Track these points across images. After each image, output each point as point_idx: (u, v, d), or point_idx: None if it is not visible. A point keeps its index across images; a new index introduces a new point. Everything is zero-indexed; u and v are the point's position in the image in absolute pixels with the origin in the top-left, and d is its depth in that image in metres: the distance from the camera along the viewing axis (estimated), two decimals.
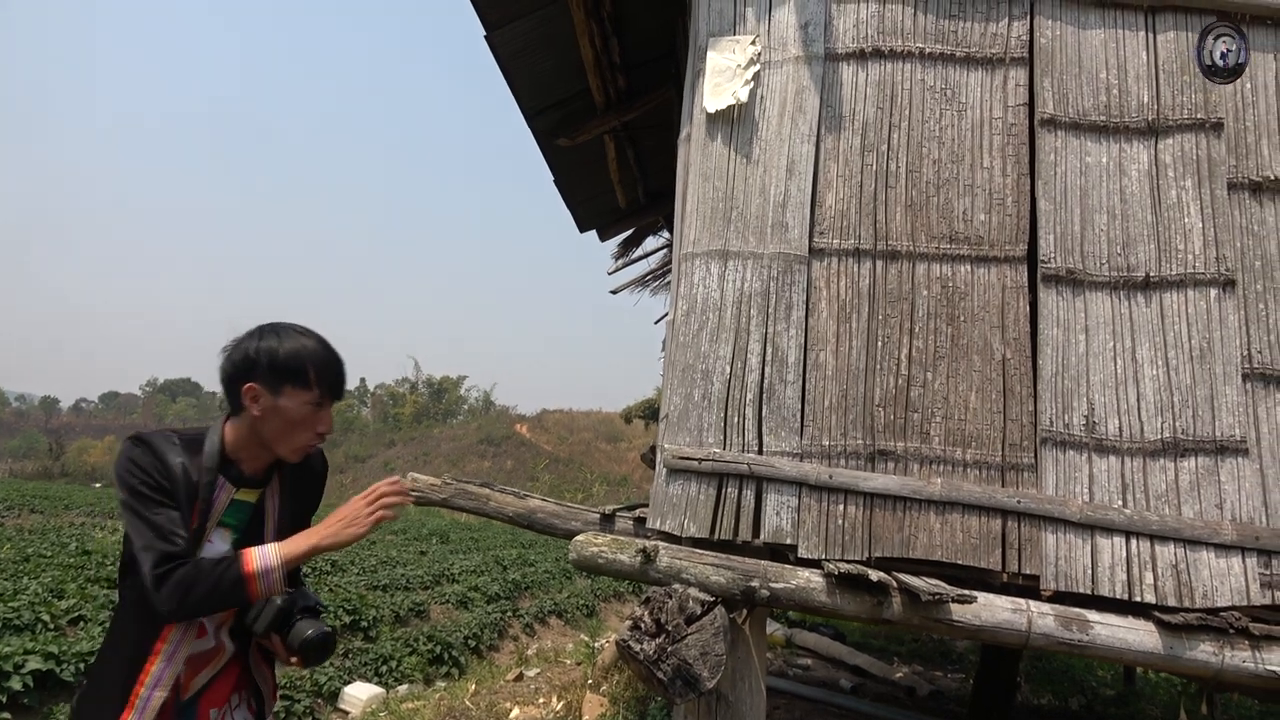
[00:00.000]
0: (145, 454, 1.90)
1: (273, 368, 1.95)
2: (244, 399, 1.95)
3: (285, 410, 1.97)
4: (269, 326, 2.03)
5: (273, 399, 1.96)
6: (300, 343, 2.00)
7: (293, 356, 1.98)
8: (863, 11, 3.18)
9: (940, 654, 9.61)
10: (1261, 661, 2.56)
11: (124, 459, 1.90)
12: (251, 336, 2.00)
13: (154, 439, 1.93)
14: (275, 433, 1.99)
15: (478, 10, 4.44)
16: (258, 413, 1.96)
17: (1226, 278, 2.90)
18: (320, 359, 2.02)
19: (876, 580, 2.56)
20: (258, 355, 1.96)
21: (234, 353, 1.99)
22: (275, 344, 1.98)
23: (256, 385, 1.95)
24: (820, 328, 2.97)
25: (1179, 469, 2.78)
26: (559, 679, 7.57)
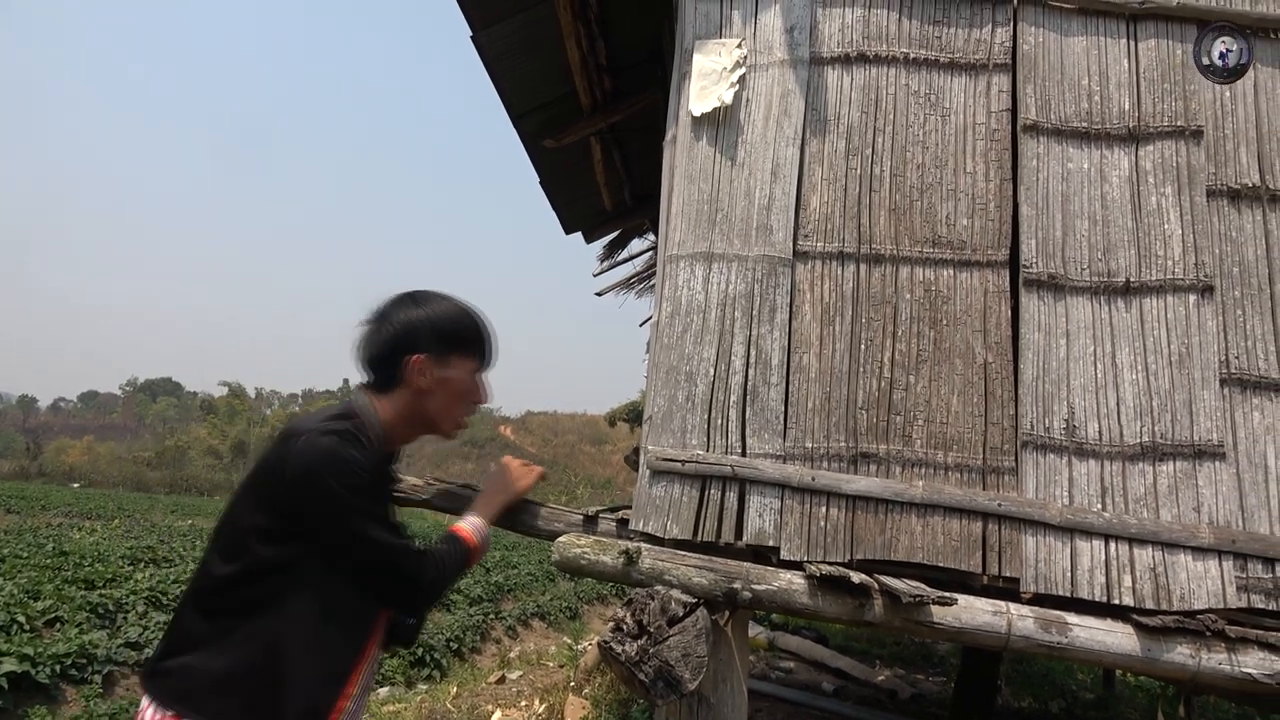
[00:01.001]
0: (357, 450, 1.74)
1: (438, 336, 1.86)
2: (408, 372, 1.83)
3: (452, 381, 1.88)
4: (415, 294, 1.91)
5: (439, 370, 1.86)
6: (458, 308, 1.92)
7: (456, 323, 1.90)
8: (848, 16, 3.19)
9: (922, 657, 9.66)
10: (1237, 664, 2.58)
11: (335, 458, 1.69)
12: (401, 305, 1.88)
13: (351, 431, 1.77)
14: (440, 407, 1.89)
15: (464, 11, 4.43)
16: (425, 385, 1.85)
17: (1205, 284, 2.93)
18: (477, 324, 1.95)
19: (858, 582, 2.57)
20: (420, 324, 1.85)
21: (387, 323, 1.86)
22: (435, 311, 1.88)
23: (424, 357, 1.84)
24: (804, 330, 2.97)
25: (1157, 473, 2.80)
26: (541, 681, 7.55)
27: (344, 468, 1.68)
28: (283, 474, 1.70)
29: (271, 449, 1.80)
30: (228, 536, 1.76)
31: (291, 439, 1.74)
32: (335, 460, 1.68)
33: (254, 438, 57.86)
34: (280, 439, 1.78)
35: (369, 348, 1.88)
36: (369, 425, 1.82)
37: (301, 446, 1.70)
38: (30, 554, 10.38)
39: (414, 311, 1.86)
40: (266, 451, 1.81)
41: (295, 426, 1.79)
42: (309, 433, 1.72)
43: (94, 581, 8.96)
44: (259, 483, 1.75)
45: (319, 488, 1.67)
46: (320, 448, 1.69)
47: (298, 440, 1.71)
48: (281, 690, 1.65)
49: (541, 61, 5.17)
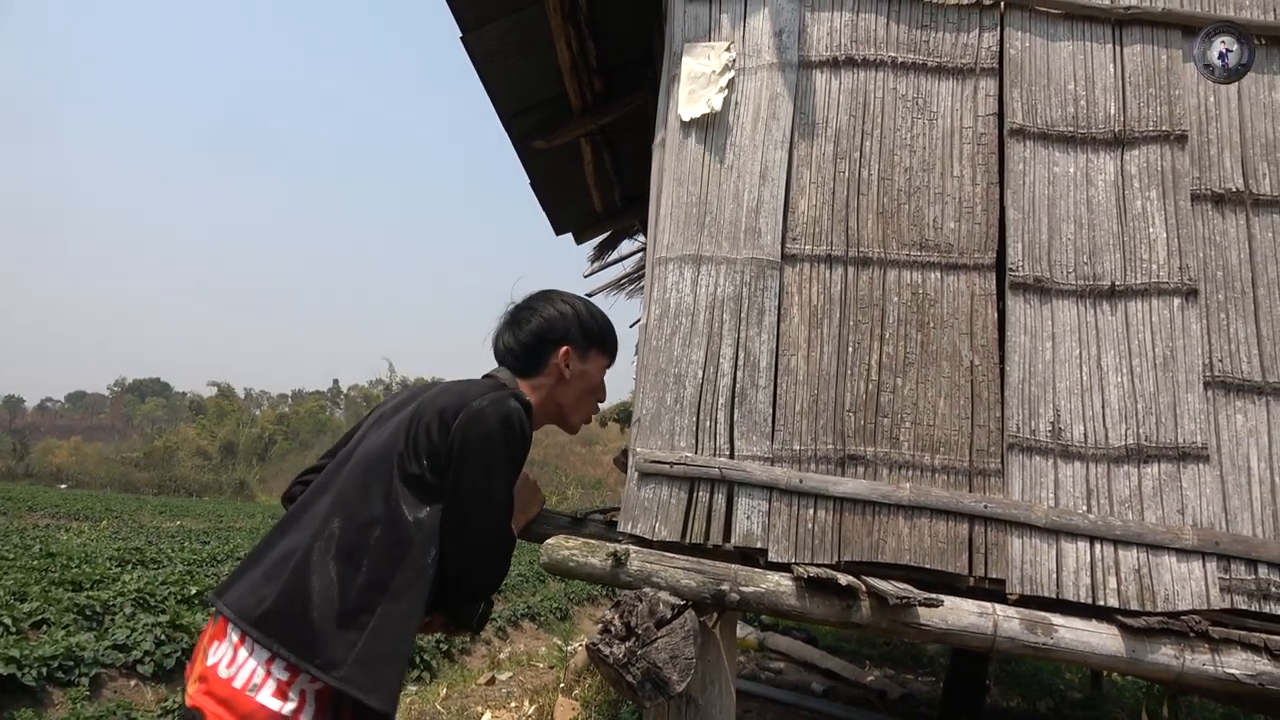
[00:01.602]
0: (527, 420, 1.82)
1: (585, 331, 1.99)
2: (557, 360, 1.95)
3: (589, 375, 2.00)
4: (558, 292, 2.05)
5: (581, 364, 1.98)
6: (593, 309, 2.04)
7: (598, 322, 2.02)
8: (836, 20, 3.21)
9: (912, 657, 9.69)
10: (1220, 665, 2.61)
11: (515, 427, 1.77)
12: (549, 300, 2.01)
13: (530, 405, 1.86)
14: (575, 398, 2.01)
15: (454, 11, 4.43)
16: (568, 375, 1.96)
17: (1190, 287, 2.95)
18: (609, 326, 2.06)
19: (845, 584, 2.58)
20: (570, 319, 1.97)
21: (538, 315, 1.98)
22: (580, 309, 2.00)
23: (572, 349, 1.96)
24: (792, 333, 2.99)
25: (1142, 475, 2.82)
26: (531, 682, 7.55)
27: (519, 436, 1.76)
28: (458, 423, 1.74)
29: (436, 397, 1.82)
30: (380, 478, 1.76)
31: (469, 394, 1.79)
32: (515, 428, 1.75)
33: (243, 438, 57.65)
34: (449, 391, 1.81)
35: (517, 334, 1.98)
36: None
37: (487, 405, 1.75)
38: (17, 555, 10.31)
39: (563, 306, 1.99)
40: (427, 399, 1.83)
41: (468, 387, 1.84)
42: (494, 394, 1.78)
43: (81, 583, 8.91)
44: (421, 429, 1.76)
45: (489, 445, 1.73)
46: (505, 410, 1.75)
47: (479, 398, 1.77)
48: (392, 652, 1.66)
49: (532, 63, 5.18)
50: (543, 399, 1.97)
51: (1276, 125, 3.09)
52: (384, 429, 1.85)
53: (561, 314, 1.99)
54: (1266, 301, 2.94)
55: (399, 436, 1.78)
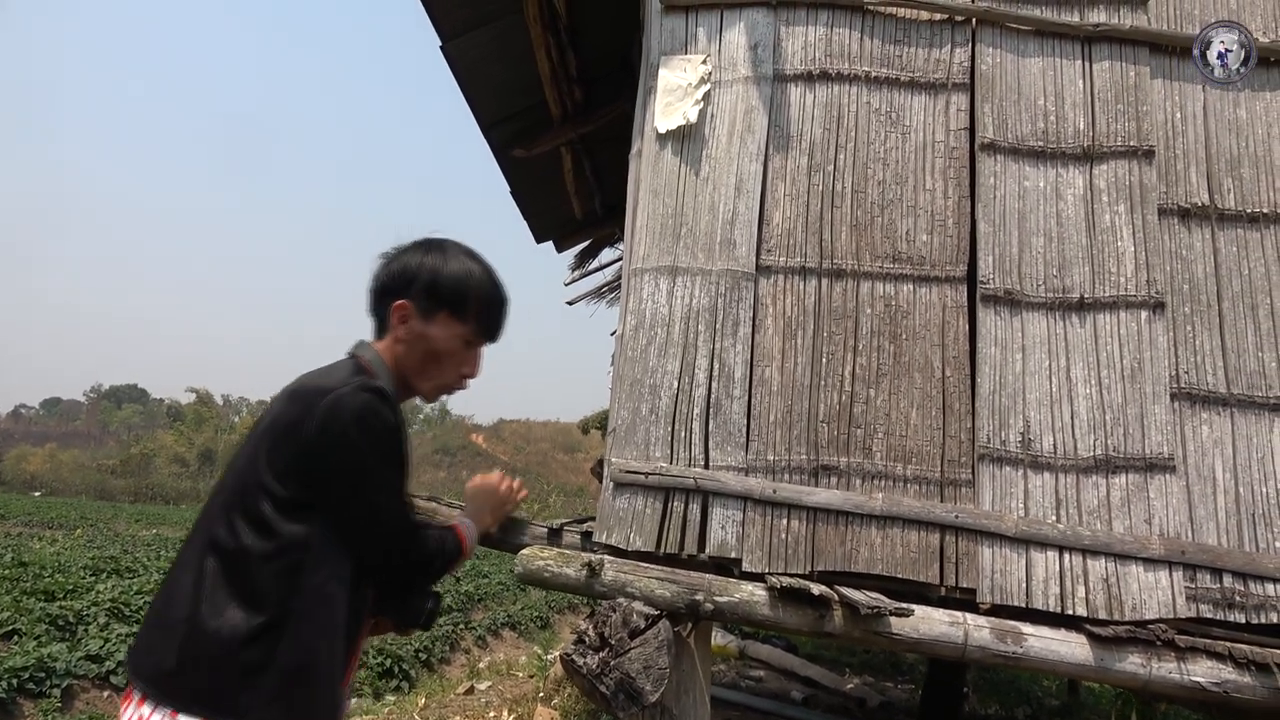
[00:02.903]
0: (391, 412, 1.62)
1: (432, 288, 1.74)
2: (391, 316, 1.74)
3: (433, 339, 1.76)
4: (436, 242, 1.82)
5: (422, 323, 1.75)
6: (467, 267, 1.79)
7: (456, 280, 1.76)
8: (811, 34, 3.24)
9: (891, 665, 9.73)
10: (1186, 673, 2.64)
11: (370, 422, 1.58)
12: (415, 250, 1.79)
13: (385, 390, 1.64)
14: (416, 363, 1.78)
15: (433, 20, 4.44)
16: (402, 334, 1.75)
17: (1157, 300, 3.00)
18: (485, 291, 1.81)
19: (818, 594, 2.60)
20: (418, 271, 1.74)
21: (392, 263, 1.77)
22: (439, 262, 1.76)
23: (409, 304, 1.74)
24: (766, 344, 3.01)
25: (1110, 485, 2.86)
26: (510, 692, 7.52)
27: (380, 433, 1.59)
28: (306, 434, 1.57)
29: (285, 408, 1.65)
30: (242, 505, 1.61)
31: (315, 396, 1.60)
32: (371, 423, 1.58)
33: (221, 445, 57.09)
34: (295, 397, 1.64)
35: (371, 281, 1.80)
36: (384, 379, 1.72)
37: (332, 405, 1.57)
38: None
39: (419, 257, 1.76)
40: (277, 412, 1.66)
41: (316, 384, 1.65)
42: (338, 390, 1.59)
43: (54, 593, 8.79)
44: (273, 445, 1.60)
45: (350, 452, 1.56)
46: (354, 408, 1.57)
47: (324, 397, 1.58)
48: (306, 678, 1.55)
49: (512, 72, 5.19)
50: (392, 361, 1.77)
51: (1241, 141, 3.15)
52: (246, 448, 1.68)
53: (407, 266, 1.75)
54: (1231, 315, 2.99)
55: (258, 457, 1.62)
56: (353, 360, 1.75)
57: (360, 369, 1.72)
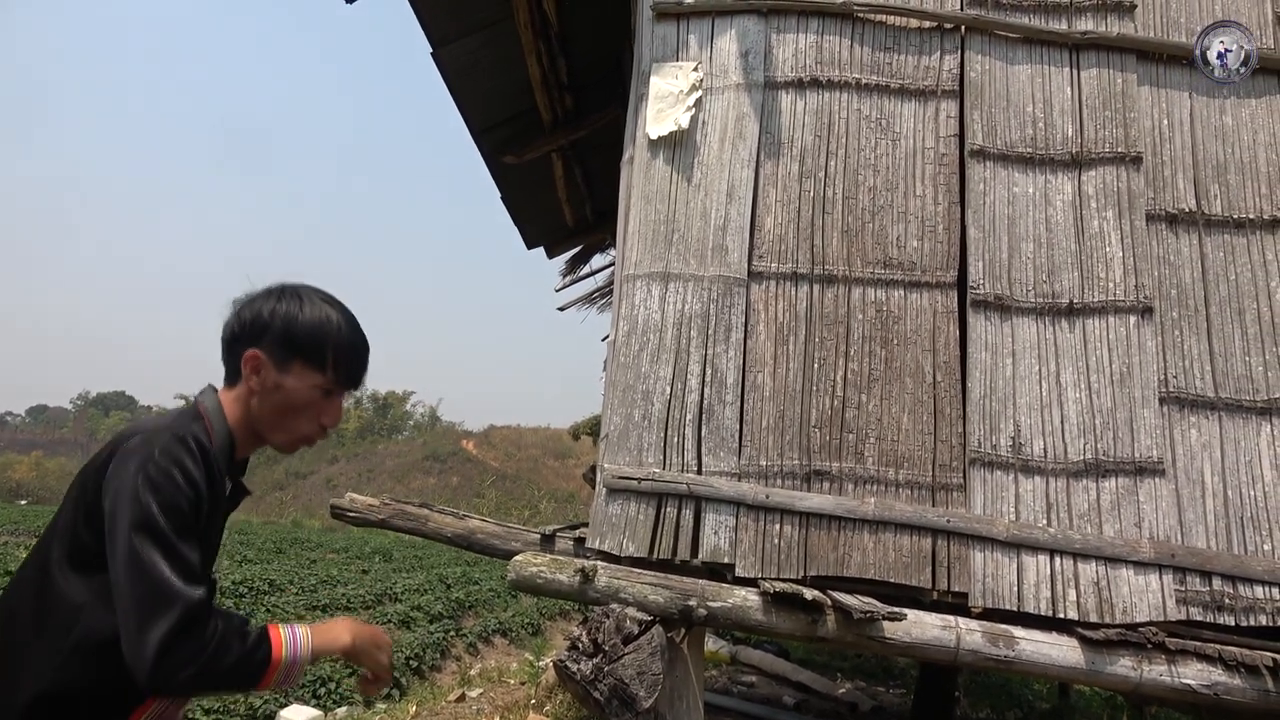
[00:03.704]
0: (192, 462, 1.47)
1: (286, 337, 1.63)
2: (243, 366, 1.63)
3: (288, 390, 1.64)
4: (290, 288, 1.70)
5: (276, 374, 1.64)
6: (324, 313, 1.69)
7: (313, 329, 1.66)
8: (801, 42, 3.26)
9: (883, 670, 9.73)
10: (1177, 676, 2.66)
11: (161, 468, 1.43)
12: (268, 296, 1.67)
13: (193, 437, 1.50)
14: (270, 415, 1.66)
15: (424, 26, 4.45)
16: (255, 386, 1.63)
17: (1145, 305, 3.02)
18: (344, 338, 1.70)
19: (811, 599, 2.60)
20: (271, 319, 1.63)
21: (244, 310, 1.66)
22: (295, 310, 1.65)
23: (261, 354, 1.62)
24: (758, 350, 3.02)
25: (1100, 489, 2.88)
26: (502, 699, 7.49)
27: (167, 481, 1.42)
28: (101, 478, 1.47)
29: (103, 449, 1.56)
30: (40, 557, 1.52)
31: (123, 437, 1.52)
32: (161, 470, 1.43)
33: None
34: (114, 439, 1.56)
35: (223, 330, 1.69)
36: (215, 430, 1.61)
37: (129, 449, 1.47)
38: None
39: (272, 305, 1.65)
40: (98, 452, 1.58)
41: (134, 426, 1.56)
42: (143, 434, 1.49)
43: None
44: (84, 487, 1.51)
45: (128, 497, 1.41)
46: (148, 454, 1.44)
47: (128, 440, 1.49)
48: None
49: (502, 78, 5.20)
50: (239, 413, 1.65)
51: (1228, 148, 3.18)
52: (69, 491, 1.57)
53: (262, 314, 1.63)
54: (1218, 319, 3.02)
55: (70, 498, 1.53)
56: (193, 408, 1.65)
57: (195, 416, 1.61)
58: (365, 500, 3.25)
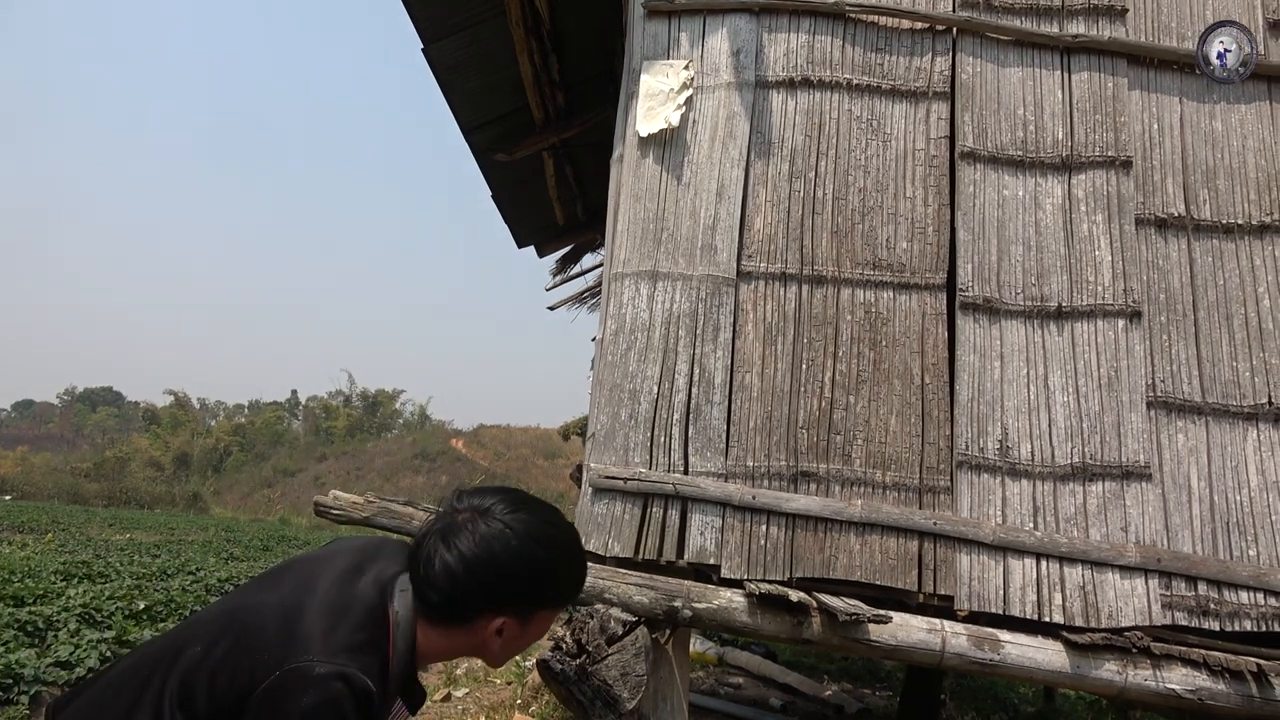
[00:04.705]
0: (362, 708, 1.29)
1: (534, 591, 1.47)
2: (488, 627, 1.45)
3: (530, 635, 1.52)
4: (532, 519, 1.47)
5: (520, 628, 1.49)
6: (558, 547, 1.50)
7: (558, 575, 1.50)
8: (793, 41, 3.25)
9: (869, 672, 9.74)
10: (1161, 680, 2.65)
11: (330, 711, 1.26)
12: (485, 534, 1.43)
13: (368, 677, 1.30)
14: (500, 658, 1.54)
15: (415, 23, 4.42)
16: (495, 648, 1.48)
17: (1133, 309, 3.02)
18: (581, 569, 1.57)
19: (796, 600, 2.59)
20: (519, 575, 1.43)
21: (494, 554, 1.42)
22: (538, 557, 1.45)
23: (510, 620, 1.46)
24: (746, 350, 3.01)
25: (1087, 493, 2.88)
26: (488, 699, 7.46)
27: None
28: (239, 690, 1.30)
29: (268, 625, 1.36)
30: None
31: (279, 651, 1.31)
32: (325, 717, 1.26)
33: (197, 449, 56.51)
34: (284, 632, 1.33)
35: (449, 568, 1.42)
36: (396, 650, 1.40)
37: (291, 687, 1.28)
38: None
39: (501, 554, 1.42)
40: (257, 626, 1.37)
41: (308, 629, 1.33)
42: (314, 661, 1.29)
43: (23, 598, 8.63)
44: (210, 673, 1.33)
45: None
46: (318, 699, 1.26)
47: (309, 663, 1.29)
48: None
49: (494, 76, 5.18)
50: (449, 649, 1.49)
51: (1217, 153, 3.18)
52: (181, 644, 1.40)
53: (508, 568, 1.42)
54: (1206, 324, 3.02)
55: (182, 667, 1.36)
56: (380, 614, 1.40)
57: (375, 638, 1.37)
58: (349, 498, 3.22)
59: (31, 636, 7.30)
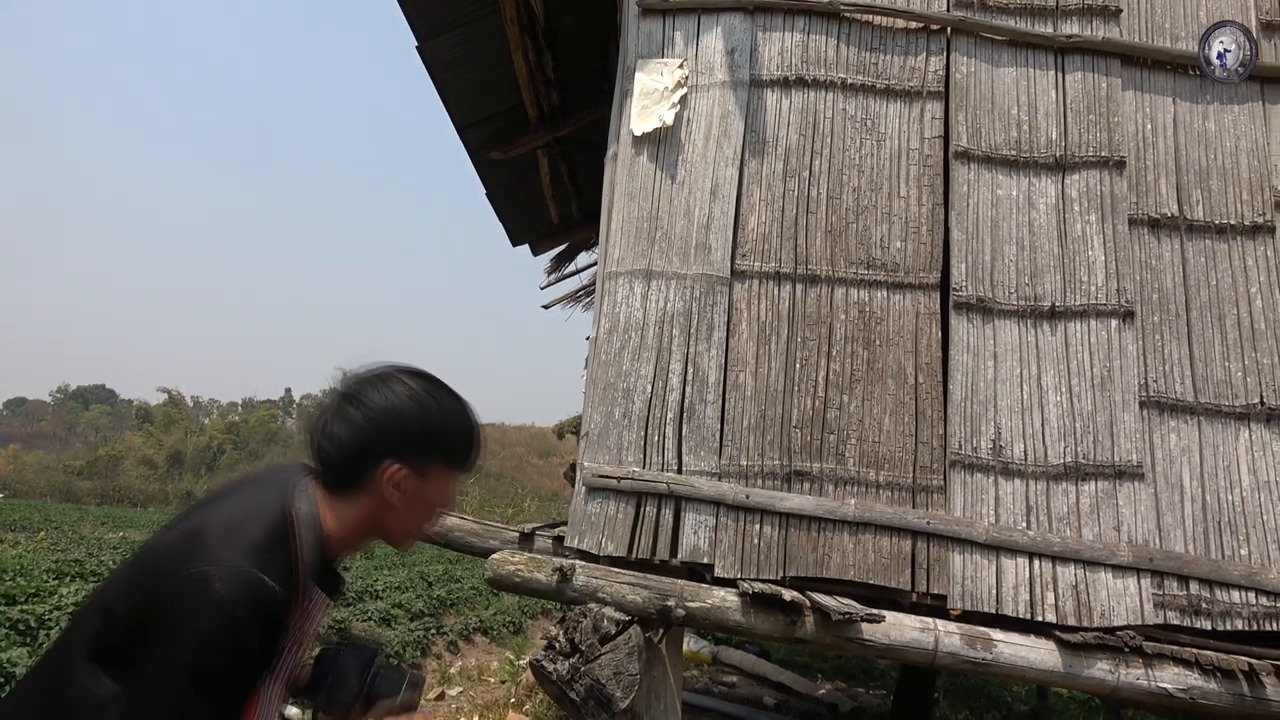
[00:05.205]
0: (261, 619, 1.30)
1: (427, 442, 1.47)
2: (383, 482, 1.44)
3: (429, 498, 1.50)
4: (401, 377, 1.49)
5: (418, 484, 1.47)
6: (454, 405, 1.52)
7: (450, 426, 1.50)
8: (787, 40, 3.25)
9: (863, 671, 9.76)
10: (1153, 679, 2.66)
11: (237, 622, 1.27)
12: (383, 389, 1.46)
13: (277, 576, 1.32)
14: (405, 525, 1.52)
15: (409, 20, 4.41)
16: (395, 501, 1.46)
17: (1126, 309, 3.03)
18: (471, 426, 1.55)
19: (789, 600, 2.59)
20: (408, 422, 1.45)
21: (363, 410, 1.44)
22: (426, 408, 1.47)
23: (406, 467, 1.45)
24: (740, 349, 3.00)
25: (1080, 492, 2.88)
26: (482, 698, 7.46)
27: (228, 645, 1.27)
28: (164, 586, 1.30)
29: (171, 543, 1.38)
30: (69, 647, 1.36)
31: (197, 549, 1.32)
32: (223, 634, 1.26)
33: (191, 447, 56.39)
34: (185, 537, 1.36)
35: (333, 436, 1.45)
36: (306, 546, 1.41)
37: (198, 584, 1.28)
38: None
39: (401, 403, 1.46)
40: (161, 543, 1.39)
41: (211, 531, 1.35)
42: (219, 564, 1.30)
43: (15, 596, 8.59)
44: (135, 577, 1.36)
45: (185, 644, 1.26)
46: (216, 604, 1.26)
47: (204, 560, 1.30)
48: None
49: (489, 73, 5.17)
50: (359, 524, 1.48)
51: (1210, 153, 3.19)
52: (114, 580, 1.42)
53: (400, 414, 1.45)
54: (1199, 324, 3.02)
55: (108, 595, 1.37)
56: (280, 514, 1.41)
57: (279, 534, 1.39)
58: None
59: (24, 635, 7.27)
